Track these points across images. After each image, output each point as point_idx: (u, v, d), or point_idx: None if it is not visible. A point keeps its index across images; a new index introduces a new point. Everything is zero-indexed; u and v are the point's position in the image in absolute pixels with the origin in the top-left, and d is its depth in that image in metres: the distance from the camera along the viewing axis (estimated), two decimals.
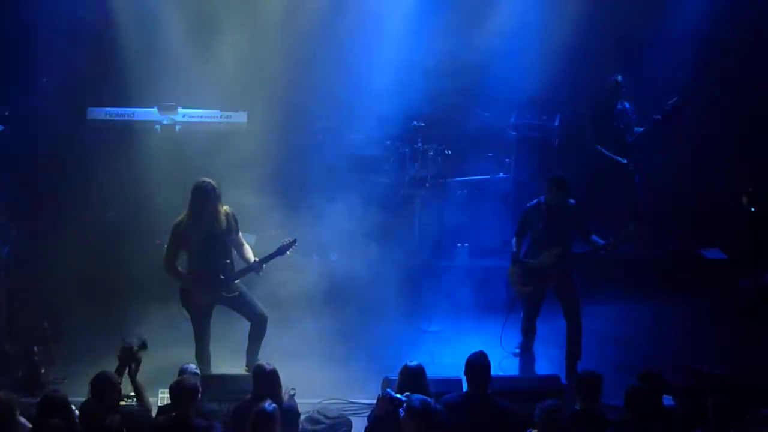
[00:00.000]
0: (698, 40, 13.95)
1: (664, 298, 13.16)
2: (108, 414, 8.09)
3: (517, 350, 11.87)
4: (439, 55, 13.93)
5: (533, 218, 11.32)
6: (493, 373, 8.84)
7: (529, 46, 13.80)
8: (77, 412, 8.88)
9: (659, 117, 13.25)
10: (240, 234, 10.59)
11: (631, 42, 14.21)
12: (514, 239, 11.55)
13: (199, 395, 8.38)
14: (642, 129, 13.47)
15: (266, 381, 8.66)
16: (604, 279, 12.43)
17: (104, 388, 8.42)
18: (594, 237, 11.19)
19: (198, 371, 9.40)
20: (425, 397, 8.15)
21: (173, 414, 8.33)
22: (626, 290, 12.94)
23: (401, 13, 13.62)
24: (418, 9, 13.69)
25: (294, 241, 10.62)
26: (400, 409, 8.07)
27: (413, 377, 8.69)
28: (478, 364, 8.74)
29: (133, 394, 9.07)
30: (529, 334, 11.87)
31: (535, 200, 11.39)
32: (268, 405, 8.00)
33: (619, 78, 13.37)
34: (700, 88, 14.05)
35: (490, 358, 8.87)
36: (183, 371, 9.07)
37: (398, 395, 8.22)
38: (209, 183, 10.19)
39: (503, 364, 11.48)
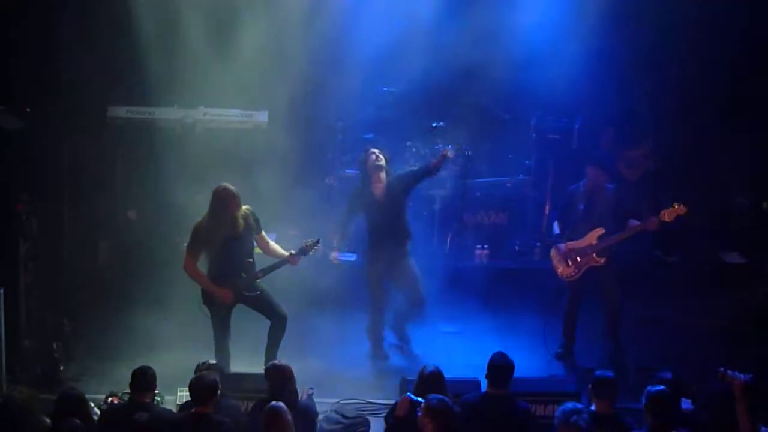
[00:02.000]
0: (723, 44, 13.91)
1: (683, 301, 13.14)
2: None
3: (560, 350, 11.96)
4: (462, 56, 13.89)
5: (575, 201, 11.61)
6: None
7: (551, 49, 13.76)
8: (96, 409, 8.96)
9: None
10: (263, 232, 10.59)
11: (655, 45, 14.16)
12: (556, 222, 11.84)
13: (219, 391, 8.40)
14: None
15: (280, 378, 8.67)
16: (623, 282, 12.35)
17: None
18: (632, 220, 11.36)
19: (215, 361, 9.39)
20: (443, 396, 8.15)
21: (193, 410, 8.36)
22: (646, 293, 12.88)
23: (426, 12, 13.57)
24: (443, 8, 13.65)
25: (317, 242, 10.62)
26: (418, 410, 8.08)
27: (431, 380, 8.69)
28: (500, 365, 8.73)
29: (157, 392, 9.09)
30: (569, 334, 11.98)
31: (575, 185, 11.68)
32: (276, 402, 8.03)
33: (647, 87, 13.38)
34: (722, 93, 14.00)
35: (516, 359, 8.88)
36: (200, 366, 9.04)
37: (418, 398, 8.22)
38: (229, 188, 10.20)
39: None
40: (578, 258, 11.53)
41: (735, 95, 14.13)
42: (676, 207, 11.10)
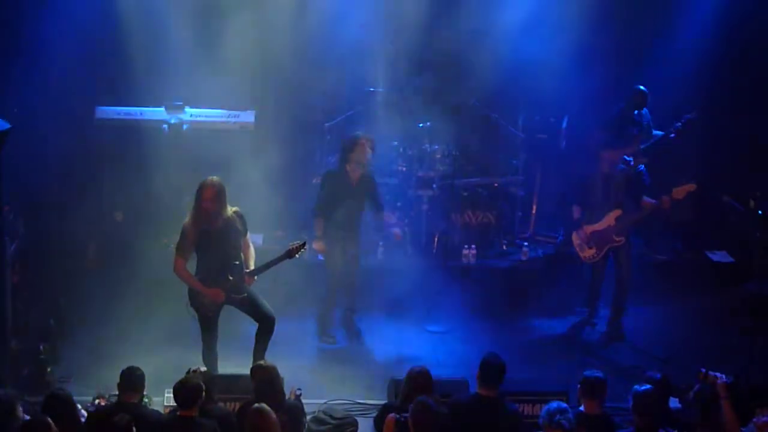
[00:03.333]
0: (709, 44, 13.97)
1: (670, 300, 13.19)
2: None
3: (585, 317, 12.72)
4: (448, 55, 13.91)
5: (592, 185, 12.10)
6: None
7: (539, 48, 13.77)
8: (83, 411, 8.93)
9: (673, 134, 13.65)
10: (248, 236, 10.56)
11: (645, 45, 14.21)
12: (576, 207, 12.34)
13: (203, 395, 8.39)
14: (657, 136, 13.59)
15: (266, 379, 8.67)
16: (609, 281, 12.39)
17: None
18: (646, 198, 12.02)
19: (204, 368, 9.35)
20: (426, 398, 8.17)
21: (177, 413, 8.35)
22: (633, 292, 12.90)
23: (413, 11, 13.56)
24: (430, 8, 13.65)
25: (304, 244, 10.53)
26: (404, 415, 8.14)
27: (419, 380, 8.69)
28: (493, 365, 8.71)
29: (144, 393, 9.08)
30: (593, 300, 12.59)
31: (590, 170, 12.20)
32: (259, 404, 8.03)
33: (642, 87, 13.40)
34: (710, 92, 14.06)
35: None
36: (190, 372, 8.98)
37: (402, 414, 8.25)
38: (213, 180, 10.17)
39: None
40: (599, 240, 12.01)
41: (721, 93, 14.19)
42: (687, 186, 11.61)
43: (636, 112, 13.57)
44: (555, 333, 12.68)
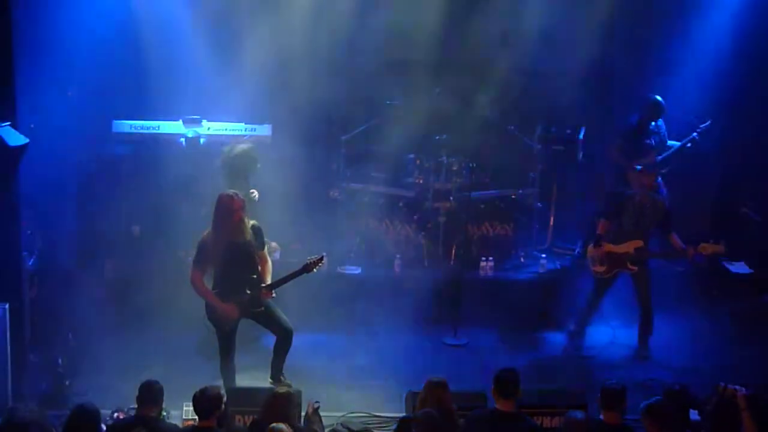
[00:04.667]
0: (725, 53, 13.95)
1: (690, 311, 13.14)
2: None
3: (571, 328, 12.55)
4: (464, 68, 13.91)
5: (627, 207, 11.96)
6: None
7: (556, 59, 13.77)
8: (102, 425, 8.93)
9: (690, 144, 13.72)
10: (265, 250, 10.56)
11: (660, 56, 14.19)
12: (603, 220, 12.19)
13: (223, 406, 8.39)
14: (673, 148, 13.58)
15: (277, 406, 8.64)
16: (627, 293, 12.35)
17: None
18: (675, 236, 11.86)
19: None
20: (429, 410, 8.24)
21: (196, 424, 8.35)
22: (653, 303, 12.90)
23: (429, 23, 13.57)
24: (447, 20, 13.68)
25: (321, 258, 10.54)
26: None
27: (437, 392, 8.68)
28: (508, 380, 8.68)
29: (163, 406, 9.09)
30: (588, 311, 12.44)
31: (631, 191, 12.12)
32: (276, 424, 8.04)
33: (659, 98, 13.38)
34: (727, 101, 14.02)
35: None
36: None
37: None
38: (231, 194, 10.18)
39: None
40: (612, 261, 11.97)
41: (738, 103, 14.15)
42: (716, 246, 11.52)
43: (653, 123, 13.56)
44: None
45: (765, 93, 14.13)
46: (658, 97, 13.42)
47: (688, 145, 13.68)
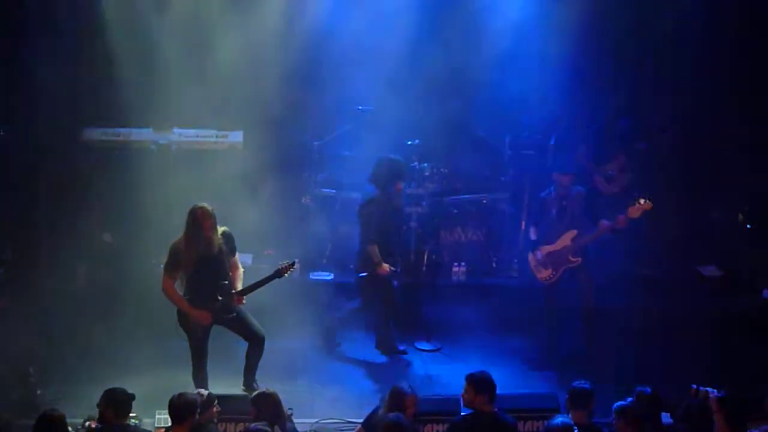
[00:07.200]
0: (693, 57, 14.03)
1: (661, 314, 13.18)
2: None
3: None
4: (436, 74, 13.91)
5: (547, 207, 11.99)
6: None
7: (526, 65, 13.81)
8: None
9: (646, 144, 13.99)
10: (236, 256, 10.55)
11: (628, 61, 14.26)
12: (532, 228, 12.22)
13: (198, 413, 8.37)
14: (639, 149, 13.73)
15: (271, 405, 8.75)
16: (599, 296, 12.39)
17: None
18: (603, 220, 11.74)
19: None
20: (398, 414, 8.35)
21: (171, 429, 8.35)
22: (622, 307, 12.94)
23: (400, 31, 13.57)
24: (418, 27, 13.66)
25: (293, 264, 10.54)
26: None
27: (400, 398, 8.79)
28: (486, 381, 8.74)
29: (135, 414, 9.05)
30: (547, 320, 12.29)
31: (546, 191, 12.05)
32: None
33: (621, 105, 13.52)
34: (697, 104, 14.11)
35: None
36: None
37: None
38: (205, 208, 10.13)
39: None
40: (555, 261, 11.89)
41: (711, 109, 14.23)
42: (642, 203, 11.40)
43: (617, 126, 13.65)
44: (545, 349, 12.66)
45: (733, 95, 14.21)
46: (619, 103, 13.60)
47: (645, 146, 13.72)
